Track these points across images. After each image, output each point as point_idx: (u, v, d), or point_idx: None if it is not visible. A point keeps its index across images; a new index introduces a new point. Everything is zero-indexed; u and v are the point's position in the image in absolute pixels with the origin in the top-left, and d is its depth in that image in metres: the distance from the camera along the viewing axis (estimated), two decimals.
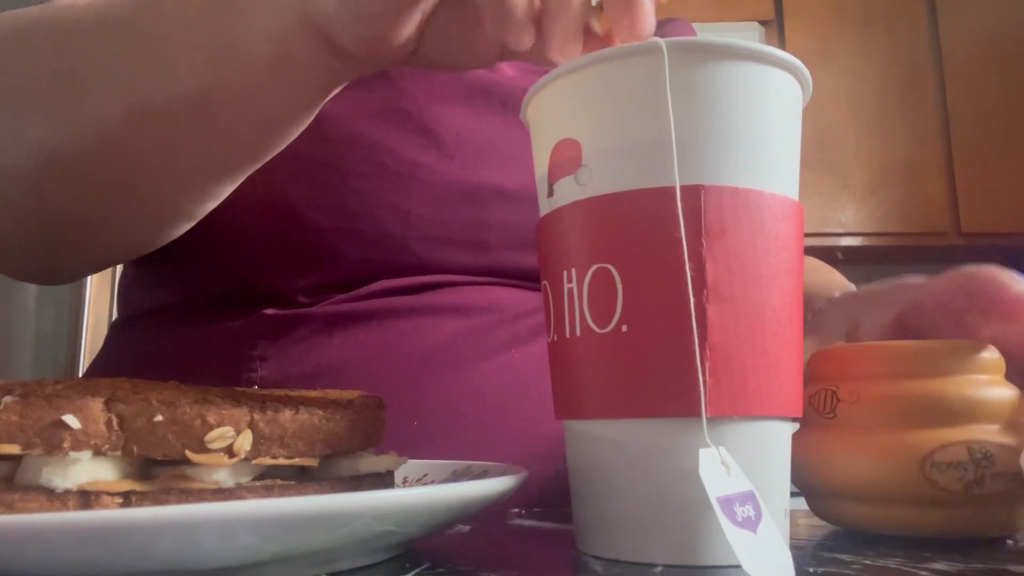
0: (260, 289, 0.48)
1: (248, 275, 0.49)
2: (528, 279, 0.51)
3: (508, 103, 0.51)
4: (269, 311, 0.48)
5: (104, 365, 0.53)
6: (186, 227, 0.44)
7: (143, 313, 0.54)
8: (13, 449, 0.22)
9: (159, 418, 0.24)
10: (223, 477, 0.25)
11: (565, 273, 0.27)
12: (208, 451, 0.24)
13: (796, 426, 0.31)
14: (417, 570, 0.25)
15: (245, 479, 0.25)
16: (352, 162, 0.46)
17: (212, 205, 0.43)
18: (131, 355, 0.51)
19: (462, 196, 0.47)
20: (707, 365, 0.24)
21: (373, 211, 0.46)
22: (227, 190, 0.42)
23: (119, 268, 0.59)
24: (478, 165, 0.48)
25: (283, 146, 0.40)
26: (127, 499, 0.24)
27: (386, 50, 0.33)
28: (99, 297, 1.69)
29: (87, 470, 0.23)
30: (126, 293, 0.57)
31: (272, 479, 0.26)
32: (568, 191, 0.28)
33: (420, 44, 0.34)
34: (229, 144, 0.38)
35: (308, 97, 0.37)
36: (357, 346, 0.46)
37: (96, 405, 0.23)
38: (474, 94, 0.50)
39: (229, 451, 0.24)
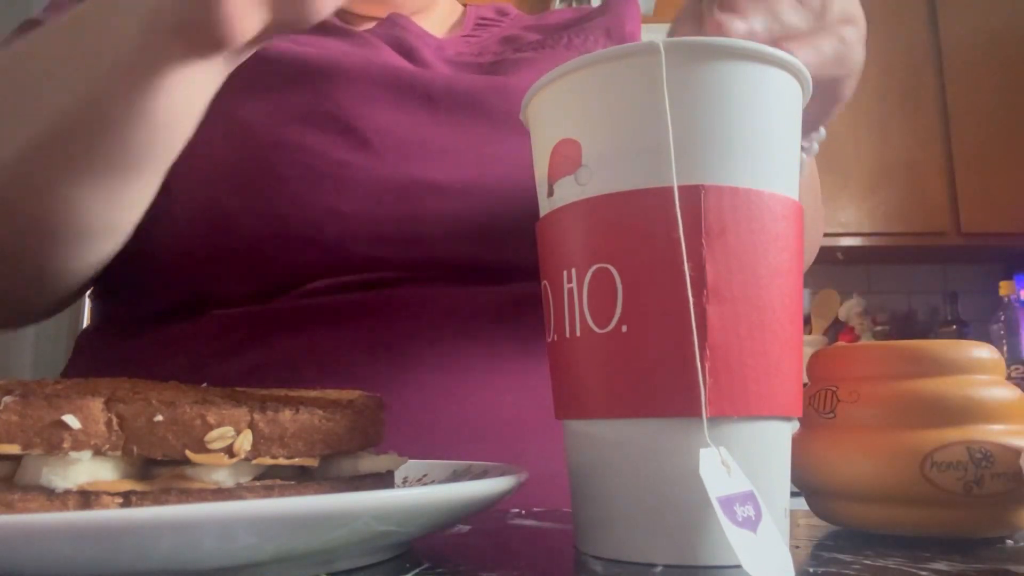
0: (205, 298, 0.49)
1: (192, 286, 0.50)
2: (469, 273, 0.50)
3: (436, 98, 0.51)
4: (215, 313, 0.49)
5: (73, 372, 0.55)
6: (120, 239, 0.45)
7: (105, 322, 0.55)
8: (13, 449, 0.22)
9: (159, 418, 0.24)
10: (223, 477, 0.25)
11: (565, 273, 0.27)
12: (208, 451, 0.24)
13: (796, 426, 0.31)
14: (417, 570, 0.25)
15: (245, 479, 0.25)
16: (281, 167, 0.47)
17: (136, 211, 0.43)
18: (96, 362, 0.53)
19: (393, 192, 0.48)
20: (707, 365, 0.24)
21: (306, 213, 0.47)
22: (145, 193, 0.43)
23: None
24: (407, 161, 0.48)
25: (185, 140, 0.41)
26: (127, 499, 0.24)
27: (245, 44, 0.34)
28: None
29: (87, 470, 0.23)
30: (93, 304, 0.59)
31: (272, 479, 0.26)
32: (568, 191, 0.28)
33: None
34: (127, 147, 0.39)
35: (192, 95, 0.38)
36: (297, 344, 0.47)
37: (96, 405, 0.23)
38: (399, 91, 0.50)
39: (229, 451, 0.24)
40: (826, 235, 2.07)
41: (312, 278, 0.48)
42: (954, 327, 2.20)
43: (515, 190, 0.50)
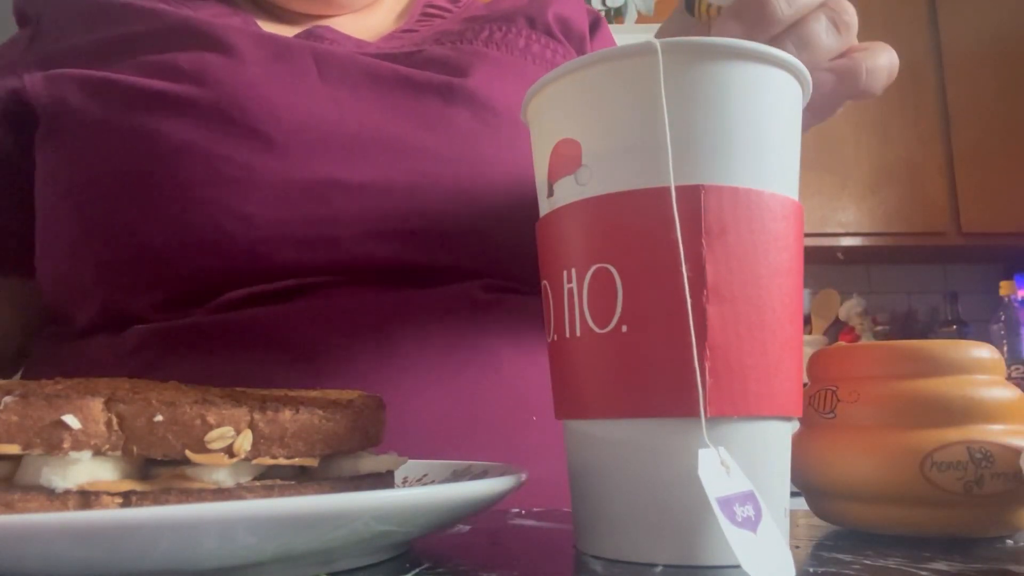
0: (123, 313, 0.49)
1: (107, 300, 0.49)
2: (393, 276, 0.49)
3: (343, 95, 0.50)
4: (135, 328, 0.48)
5: (26, 373, 0.56)
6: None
7: (49, 335, 0.56)
8: (13, 449, 0.22)
9: (159, 418, 0.24)
10: (223, 477, 0.25)
11: (565, 273, 0.27)
12: (208, 451, 0.24)
13: (796, 426, 0.31)
14: (417, 570, 0.25)
15: (245, 479, 0.25)
16: (186, 173, 0.46)
17: None
18: (43, 366, 0.53)
19: (301, 193, 0.46)
20: (707, 365, 0.24)
21: (213, 219, 0.46)
22: None
23: None
24: (316, 160, 0.47)
25: None
26: (127, 499, 0.24)
27: None
28: None
29: (87, 470, 0.23)
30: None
31: (272, 479, 0.26)
32: (568, 191, 0.28)
33: None
34: None
35: None
36: (212, 360, 0.46)
37: (96, 405, 0.23)
38: (308, 91, 0.49)
39: (229, 451, 0.24)
40: (826, 235, 2.08)
41: (224, 288, 0.47)
42: (954, 327, 2.20)
43: (450, 188, 0.48)
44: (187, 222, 0.46)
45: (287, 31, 0.57)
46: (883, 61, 0.37)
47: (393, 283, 0.49)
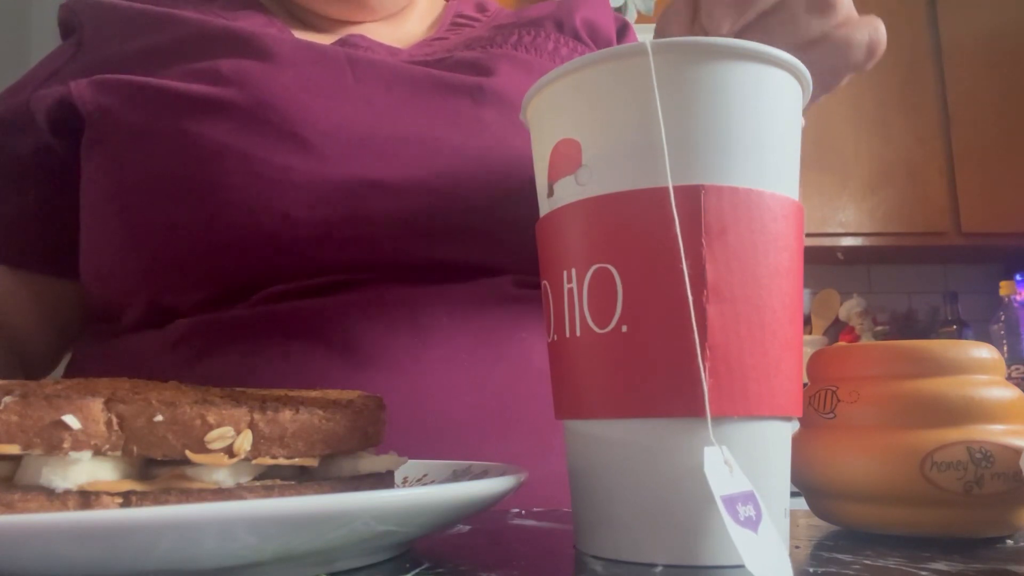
0: (167, 309, 0.50)
1: (151, 296, 0.50)
2: (424, 272, 0.50)
3: (376, 97, 0.51)
4: (177, 322, 0.49)
5: (71, 369, 0.57)
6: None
7: (90, 335, 0.57)
8: (13, 449, 0.22)
9: (159, 418, 0.24)
10: (223, 477, 0.25)
11: (565, 273, 0.27)
12: (208, 451, 0.24)
13: (796, 426, 0.31)
14: (417, 570, 0.25)
15: (245, 479, 0.25)
16: (226, 175, 0.47)
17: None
18: (88, 362, 0.54)
19: (338, 193, 0.48)
20: (707, 365, 0.24)
21: (253, 219, 0.47)
22: None
23: None
24: (352, 160, 0.48)
25: None
26: (127, 499, 0.24)
27: None
28: None
29: (87, 470, 0.23)
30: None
31: (272, 479, 0.26)
32: (568, 191, 0.28)
33: None
34: None
35: None
36: (252, 352, 0.47)
37: (96, 405, 0.23)
38: (341, 91, 0.50)
39: (229, 451, 0.24)
40: (826, 235, 2.08)
41: (265, 284, 0.48)
42: (954, 327, 2.20)
43: (480, 186, 0.49)
44: (228, 222, 0.47)
45: (321, 40, 0.58)
46: (861, 36, 0.37)
47: (427, 278, 0.50)
